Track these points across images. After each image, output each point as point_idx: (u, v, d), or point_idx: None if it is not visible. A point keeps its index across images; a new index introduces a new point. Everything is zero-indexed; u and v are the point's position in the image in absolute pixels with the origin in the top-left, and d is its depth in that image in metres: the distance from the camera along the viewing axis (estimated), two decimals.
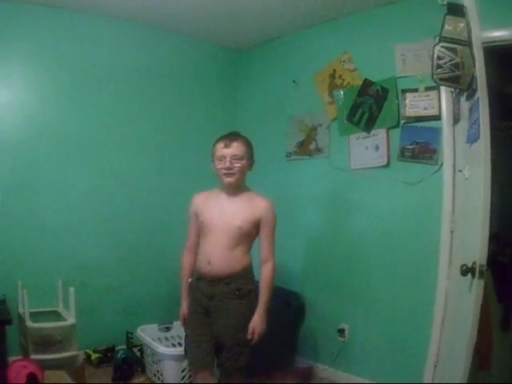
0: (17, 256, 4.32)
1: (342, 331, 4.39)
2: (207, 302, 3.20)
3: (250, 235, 3.22)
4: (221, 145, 3.22)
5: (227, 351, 3.15)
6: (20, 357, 3.97)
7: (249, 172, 3.31)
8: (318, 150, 4.71)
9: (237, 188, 3.25)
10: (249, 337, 3.11)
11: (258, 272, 3.22)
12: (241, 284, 3.16)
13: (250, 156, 3.28)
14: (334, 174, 4.54)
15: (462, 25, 2.91)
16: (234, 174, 3.17)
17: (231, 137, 3.25)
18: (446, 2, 2.95)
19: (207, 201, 3.35)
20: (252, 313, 3.16)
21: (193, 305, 3.30)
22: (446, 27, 3.00)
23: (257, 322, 3.13)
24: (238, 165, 3.18)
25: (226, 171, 3.17)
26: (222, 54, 5.57)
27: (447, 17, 2.98)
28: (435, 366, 3.54)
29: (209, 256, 3.18)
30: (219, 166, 3.20)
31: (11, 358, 3.79)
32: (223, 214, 3.21)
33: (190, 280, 3.39)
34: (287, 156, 4.97)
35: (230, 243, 3.16)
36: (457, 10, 2.91)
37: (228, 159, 3.16)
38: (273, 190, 4.88)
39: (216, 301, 3.17)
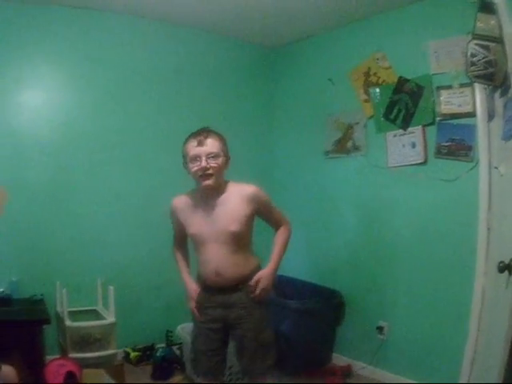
0: (55, 255, 4.41)
1: (380, 329, 4.39)
2: (222, 312, 3.05)
3: (247, 233, 3.06)
4: (193, 143, 2.97)
5: (253, 353, 3.04)
6: (58, 356, 4.04)
7: (225, 170, 3.07)
8: (356, 148, 4.71)
9: (218, 188, 3.00)
10: (251, 289, 2.99)
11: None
12: (249, 288, 3.02)
13: (225, 153, 3.05)
14: (372, 172, 4.53)
15: (494, 22, 2.90)
16: (211, 174, 2.91)
17: (203, 133, 2.99)
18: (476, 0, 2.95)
19: (190, 209, 3.11)
20: (268, 310, 3.11)
21: (205, 319, 3.12)
22: (478, 24, 2.99)
23: (264, 275, 3.02)
24: (214, 164, 2.92)
25: (202, 172, 2.91)
26: (257, 53, 5.59)
27: (479, 14, 2.97)
28: (472, 362, 3.52)
29: (214, 267, 2.99)
30: (194, 168, 2.94)
31: (49, 357, 3.84)
32: (214, 221, 2.98)
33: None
34: (325, 154, 4.98)
35: (230, 249, 2.97)
36: (488, 7, 2.90)
37: (203, 159, 2.91)
38: (311, 187, 4.93)
39: (234, 308, 3.03)
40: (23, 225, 4.29)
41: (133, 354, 4.59)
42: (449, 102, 3.87)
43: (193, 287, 3.21)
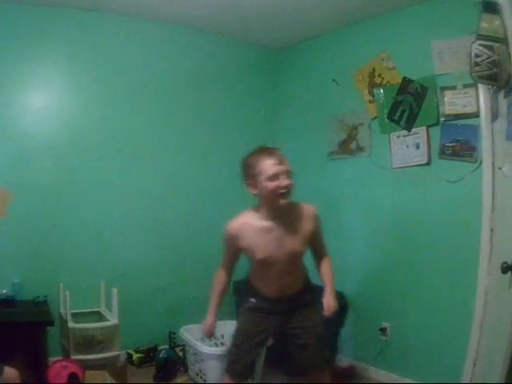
0: (59, 257, 4.41)
1: (383, 330, 4.38)
2: (280, 318, 3.13)
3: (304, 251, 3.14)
4: (271, 161, 2.89)
5: (314, 348, 3.13)
6: (61, 357, 4.05)
7: None
8: (360, 149, 4.71)
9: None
10: (325, 313, 3.02)
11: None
12: (309, 291, 3.19)
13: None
14: (376, 173, 4.53)
15: (498, 22, 2.90)
16: (288, 193, 2.90)
17: (277, 152, 2.98)
18: (480, 0, 2.95)
19: (256, 232, 3.01)
20: (319, 311, 3.13)
21: (251, 324, 3.19)
22: (482, 25, 2.99)
23: (330, 299, 3.03)
24: (291, 181, 2.91)
25: (284, 190, 2.87)
26: (261, 54, 5.60)
27: (483, 14, 2.98)
28: (474, 363, 3.51)
29: (278, 286, 3.06)
30: (273, 185, 2.86)
31: (52, 359, 3.85)
32: (282, 243, 2.97)
33: (253, 300, 3.21)
34: (329, 155, 4.98)
35: (294, 268, 3.08)
36: (492, 8, 2.91)
37: (285, 176, 2.87)
38: (315, 188, 4.92)
39: (295, 315, 3.14)
40: (27, 227, 4.30)
41: (136, 356, 4.59)
42: (453, 102, 3.87)
43: (211, 321, 3.34)
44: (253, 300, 3.20)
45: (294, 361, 3.23)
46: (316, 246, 3.20)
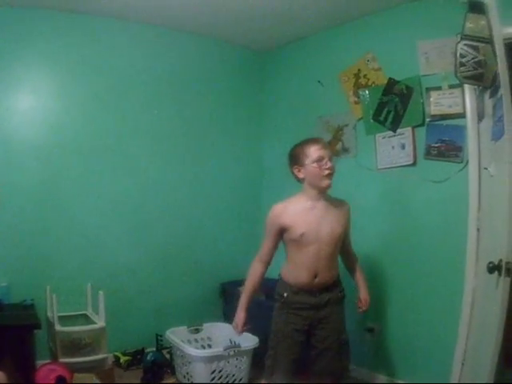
0: (45, 260, 4.38)
1: (371, 330, 4.38)
2: (312, 314, 3.21)
3: (342, 239, 3.31)
4: (317, 146, 3.16)
5: (334, 354, 3.20)
6: (48, 360, 4.01)
7: None
8: (345, 150, 4.71)
9: (326, 193, 3.25)
10: (363, 308, 3.46)
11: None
12: (339, 286, 3.35)
13: None
14: (361, 174, 4.53)
15: (483, 22, 2.91)
16: (332, 175, 3.15)
17: (321, 140, 3.32)
18: (466, 0, 2.95)
19: (296, 212, 3.21)
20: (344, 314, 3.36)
21: (287, 321, 3.24)
22: (468, 25, 3.00)
23: (366, 294, 3.48)
24: (333, 165, 3.15)
25: (328, 171, 3.12)
26: (247, 56, 5.59)
27: (468, 14, 2.99)
28: (462, 364, 3.52)
29: (315, 269, 3.17)
30: (318, 168, 3.12)
31: (39, 362, 3.82)
32: (322, 223, 3.18)
33: (285, 294, 3.27)
34: None
35: (333, 252, 3.23)
36: (477, 8, 2.91)
37: (328, 159, 3.13)
38: (300, 189, 4.91)
39: (324, 308, 3.23)
40: (13, 229, 4.26)
41: (123, 359, 4.57)
42: (438, 103, 3.88)
43: (242, 317, 3.32)
44: (285, 294, 3.26)
45: (310, 362, 3.29)
46: (345, 241, 3.39)
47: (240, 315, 3.31)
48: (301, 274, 3.19)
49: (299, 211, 3.20)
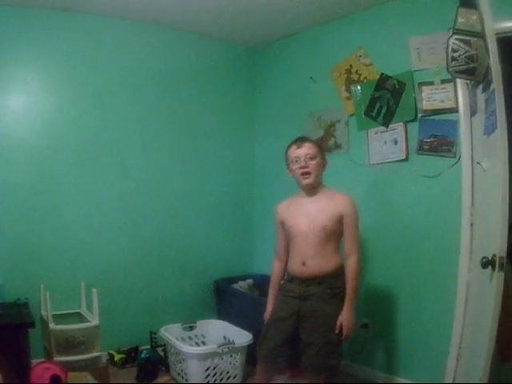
0: (39, 259, 4.37)
1: (365, 326, 4.38)
2: (298, 303, 3.30)
3: (335, 233, 3.31)
4: (293, 147, 3.38)
5: (317, 351, 3.19)
6: (43, 359, 4.00)
7: (323, 172, 3.43)
8: (337, 146, 4.70)
9: (315, 188, 3.38)
10: (337, 331, 3.17)
11: None
12: (332, 283, 3.26)
13: (322, 156, 3.40)
14: (354, 170, 4.53)
15: (475, 17, 2.91)
16: (310, 173, 3.30)
17: (301, 139, 3.42)
18: None
19: (290, 207, 3.48)
20: (335, 313, 3.23)
21: (278, 307, 3.44)
22: (459, 19, 3.00)
23: (343, 317, 3.19)
24: (312, 162, 3.30)
25: (302, 170, 3.31)
26: (238, 52, 5.57)
27: (460, 9, 2.98)
28: (457, 359, 3.53)
29: (302, 258, 3.31)
30: (295, 167, 3.35)
31: (34, 361, 3.79)
32: (307, 215, 3.33)
33: (282, 282, 3.56)
34: None
35: (318, 243, 3.28)
36: (469, 2, 2.91)
37: (302, 159, 3.30)
38: (293, 186, 4.90)
39: (308, 301, 3.27)
40: (6, 228, 4.24)
41: (117, 357, 4.55)
42: (431, 97, 3.87)
43: (269, 310, 3.55)
44: (282, 281, 3.56)
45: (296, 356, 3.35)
46: (345, 239, 3.34)
47: (268, 309, 3.55)
48: (292, 263, 3.41)
49: (291, 207, 3.46)
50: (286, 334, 3.32)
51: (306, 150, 3.32)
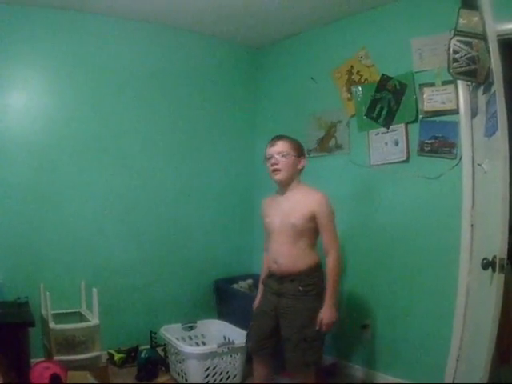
0: (39, 258, 4.38)
1: (365, 327, 4.38)
2: (275, 299, 3.37)
3: (308, 231, 3.31)
4: (268, 145, 3.44)
5: (294, 347, 3.25)
6: (43, 358, 4.00)
7: (301, 169, 3.45)
8: (338, 147, 4.71)
9: (288, 185, 3.41)
10: (317, 328, 3.21)
11: None
12: (304, 281, 3.27)
13: (296, 153, 3.40)
14: (354, 170, 4.53)
15: (477, 18, 2.91)
16: (280, 170, 3.34)
17: (276, 137, 3.45)
18: None
19: (269, 203, 3.55)
20: (319, 308, 3.25)
21: (262, 302, 3.55)
22: (461, 21, 3.00)
23: (324, 313, 3.22)
24: (283, 160, 3.33)
25: (272, 167, 3.36)
26: (240, 52, 5.58)
27: (461, 10, 2.99)
28: (457, 360, 3.53)
29: (275, 255, 3.37)
30: (268, 165, 3.40)
31: (34, 360, 3.80)
32: (279, 212, 3.38)
33: (264, 277, 3.62)
34: (307, 153, 4.95)
35: (289, 241, 3.31)
36: (471, 4, 2.91)
37: (275, 156, 3.35)
38: None
39: (283, 298, 3.32)
40: (7, 227, 4.25)
41: (117, 356, 4.56)
42: (432, 99, 3.87)
43: (256, 302, 3.66)
44: (264, 277, 3.61)
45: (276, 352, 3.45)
46: (321, 237, 3.36)
47: (255, 301, 3.66)
48: (270, 259, 3.46)
49: (269, 203, 3.55)
50: (268, 328, 3.40)
51: (278, 147, 3.36)
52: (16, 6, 4.21)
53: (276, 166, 3.34)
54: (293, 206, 3.33)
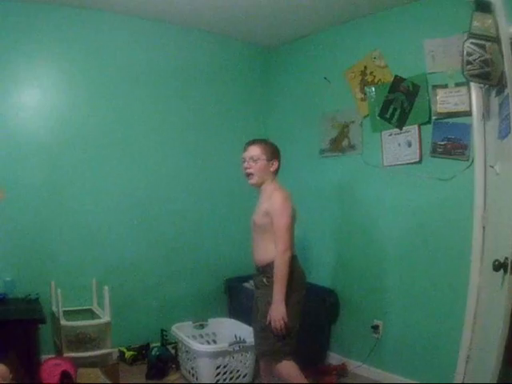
0: (50, 255, 4.40)
1: (375, 327, 4.39)
2: (256, 292, 3.57)
3: (269, 227, 3.34)
4: (243, 149, 3.53)
5: (254, 336, 3.57)
6: (53, 355, 4.04)
7: (274, 171, 3.51)
8: (351, 147, 4.71)
9: (262, 186, 3.52)
10: (267, 323, 3.27)
11: None
12: (268, 273, 3.34)
13: (268, 157, 3.46)
14: (367, 171, 4.53)
15: (490, 21, 2.90)
16: (251, 174, 3.47)
17: (249, 141, 3.55)
18: None
19: None
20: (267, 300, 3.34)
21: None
22: (474, 24, 3.00)
23: (271, 309, 3.25)
24: (254, 164, 3.44)
25: (245, 172, 3.50)
26: (253, 52, 5.59)
27: (475, 13, 2.98)
28: (467, 361, 3.54)
29: (252, 251, 3.56)
30: (243, 168, 3.51)
31: (44, 357, 3.84)
32: (254, 214, 3.51)
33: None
34: (320, 153, 4.98)
35: (256, 236, 3.49)
36: (484, 6, 2.91)
37: (247, 160, 3.47)
38: (306, 186, 4.93)
39: (257, 289, 3.55)
40: (19, 224, 4.28)
41: (128, 354, 4.58)
42: (445, 101, 3.88)
43: None
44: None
45: None
46: (274, 232, 3.33)
47: None
48: None
49: None
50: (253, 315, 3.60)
51: (249, 152, 3.47)
52: (28, 3, 4.24)
53: (248, 171, 3.47)
54: (258, 205, 3.49)
